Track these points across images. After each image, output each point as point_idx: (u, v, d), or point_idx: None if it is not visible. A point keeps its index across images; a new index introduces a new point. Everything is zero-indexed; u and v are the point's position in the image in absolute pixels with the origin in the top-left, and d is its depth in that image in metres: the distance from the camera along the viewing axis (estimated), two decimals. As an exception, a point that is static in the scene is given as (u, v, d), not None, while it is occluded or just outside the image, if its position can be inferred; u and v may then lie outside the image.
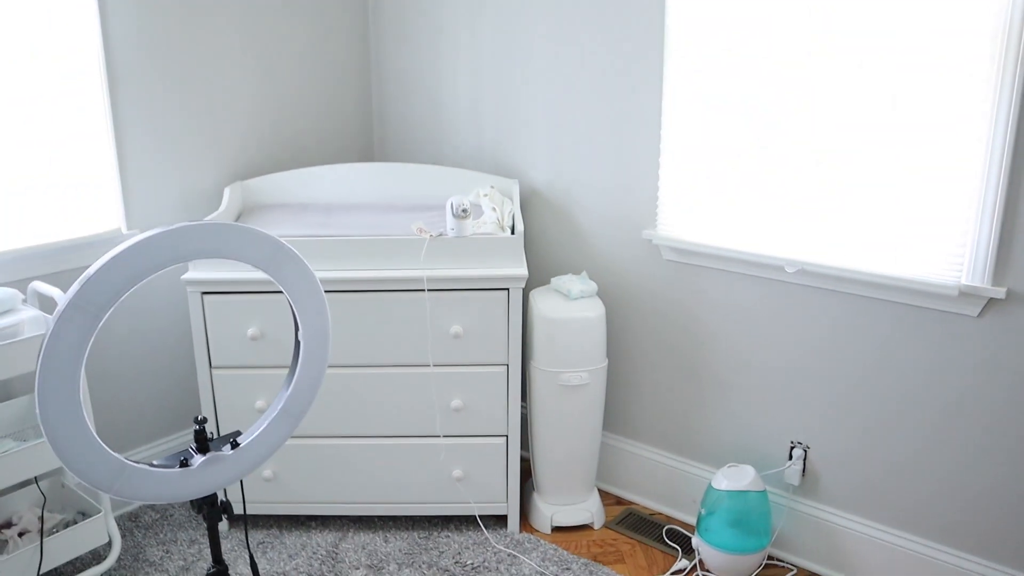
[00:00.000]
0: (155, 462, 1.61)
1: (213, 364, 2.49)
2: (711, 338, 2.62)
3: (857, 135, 2.18)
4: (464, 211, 2.41)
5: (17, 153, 2.34)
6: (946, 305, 2.15)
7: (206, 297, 2.42)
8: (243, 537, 2.65)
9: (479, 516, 2.73)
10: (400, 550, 2.59)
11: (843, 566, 2.48)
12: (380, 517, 2.76)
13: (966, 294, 2.10)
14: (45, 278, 2.44)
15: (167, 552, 2.57)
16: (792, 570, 2.53)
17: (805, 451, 2.50)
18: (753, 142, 2.35)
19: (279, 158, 3.05)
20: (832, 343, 2.37)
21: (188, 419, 2.96)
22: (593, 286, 2.66)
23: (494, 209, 2.64)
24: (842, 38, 2.14)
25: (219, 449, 1.67)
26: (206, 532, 2.63)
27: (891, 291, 2.23)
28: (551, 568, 2.51)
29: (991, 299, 2.08)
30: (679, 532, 2.72)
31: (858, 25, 2.10)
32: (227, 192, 2.74)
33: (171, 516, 2.75)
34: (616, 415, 2.92)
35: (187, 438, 2.95)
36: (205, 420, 1.65)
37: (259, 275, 2.38)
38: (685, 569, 2.53)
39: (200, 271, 2.41)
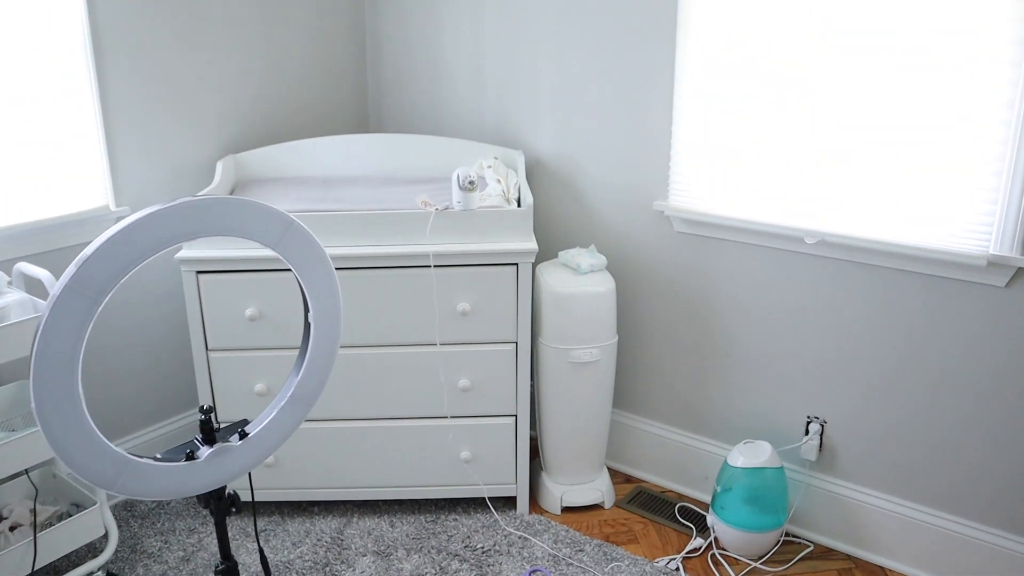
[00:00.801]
0: (159, 455, 1.51)
1: (210, 346, 2.38)
2: (725, 312, 2.54)
3: (882, 101, 2.09)
4: (471, 183, 2.30)
5: (-5, 127, 2.21)
6: (973, 275, 2.08)
7: (201, 276, 2.31)
8: (243, 525, 2.56)
9: (488, 498, 2.66)
10: (408, 535, 2.52)
11: (861, 541, 2.43)
12: (386, 501, 2.68)
13: (994, 264, 2.03)
14: (31, 258, 2.32)
15: (166, 542, 2.47)
16: (809, 547, 2.49)
17: (822, 426, 2.44)
18: (772, 107, 2.26)
19: (272, 130, 2.92)
20: (851, 316, 2.30)
21: (184, 404, 2.85)
22: (602, 260, 2.57)
23: (499, 181, 2.54)
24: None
25: (226, 440, 1.57)
26: (205, 521, 2.55)
27: (915, 262, 2.15)
28: (564, 550, 2.45)
29: (1019, 269, 2.02)
30: (691, 510, 2.66)
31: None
32: (220, 166, 2.61)
33: (168, 505, 2.65)
34: (626, 392, 2.85)
35: (183, 423, 2.85)
36: (211, 409, 1.56)
37: (257, 252, 2.27)
38: (701, 548, 2.48)
39: (195, 249, 2.30)
